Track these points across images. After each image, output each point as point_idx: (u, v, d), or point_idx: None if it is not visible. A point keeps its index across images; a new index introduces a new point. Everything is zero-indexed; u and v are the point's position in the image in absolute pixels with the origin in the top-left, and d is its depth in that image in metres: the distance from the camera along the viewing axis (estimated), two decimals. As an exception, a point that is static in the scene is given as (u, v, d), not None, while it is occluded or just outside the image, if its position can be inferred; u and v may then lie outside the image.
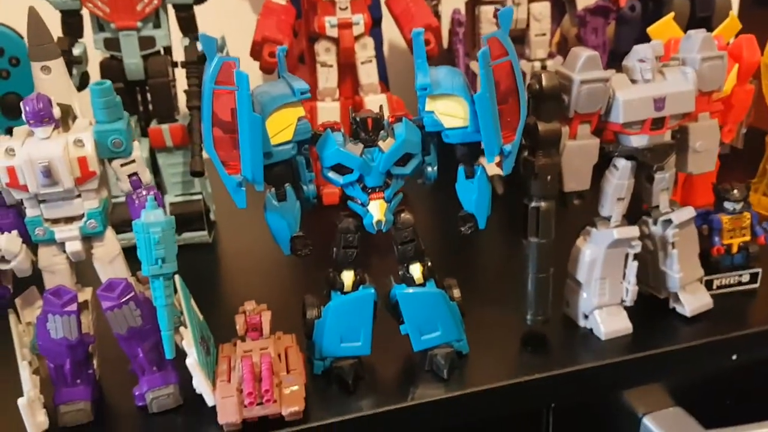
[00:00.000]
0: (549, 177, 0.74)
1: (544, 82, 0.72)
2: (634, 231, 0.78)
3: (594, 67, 0.73)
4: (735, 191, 0.85)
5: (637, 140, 0.75)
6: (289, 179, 0.69)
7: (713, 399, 0.85)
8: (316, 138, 0.69)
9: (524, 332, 0.81)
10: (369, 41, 1.12)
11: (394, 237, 0.73)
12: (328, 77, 1.12)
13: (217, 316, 0.80)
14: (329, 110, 1.12)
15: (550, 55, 1.21)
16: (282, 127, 0.67)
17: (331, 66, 1.11)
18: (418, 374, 0.76)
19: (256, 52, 1.08)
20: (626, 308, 0.81)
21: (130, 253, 0.69)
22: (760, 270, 0.88)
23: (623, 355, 0.78)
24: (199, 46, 1.01)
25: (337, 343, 0.73)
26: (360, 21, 1.09)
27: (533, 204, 0.75)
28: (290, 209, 0.70)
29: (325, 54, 1.11)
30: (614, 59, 1.21)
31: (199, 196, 1.06)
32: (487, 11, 1.16)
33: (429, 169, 0.72)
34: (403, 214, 0.72)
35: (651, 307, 0.84)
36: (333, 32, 1.09)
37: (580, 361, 0.78)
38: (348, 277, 0.73)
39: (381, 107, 0.72)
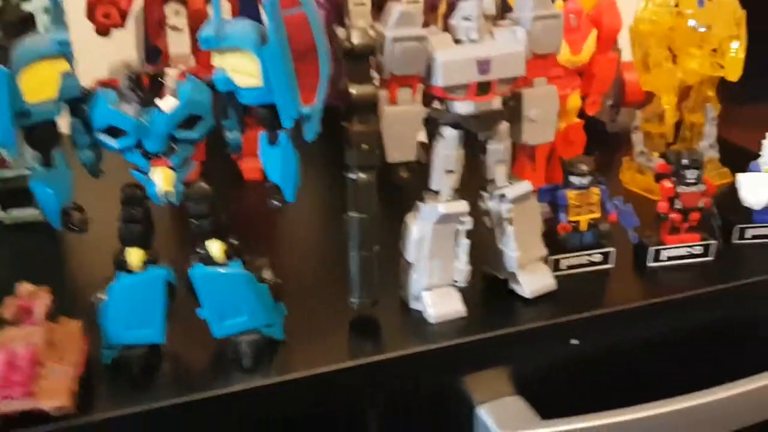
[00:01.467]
0: (366, 145, 0.67)
1: (354, 40, 0.65)
2: (461, 206, 0.72)
3: (410, 23, 0.66)
4: (581, 165, 0.80)
5: (462, 107, 0.68)
6: (58, 142, 0.61)
7: (560, 388, 0.80)
8: (88, 96, 0.61)
9: (353, 317, 0.75)
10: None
11: (188, 210, 0.65)
12: (179, 42, 1.03)
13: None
14: (182, 78, 1.03)
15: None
16: (41, 82, 0.58)
17: (181, 30, 1.02)
18: (224, 364, 0.69)
19: (90, 13, 0.99)
20: (463, 290, 0.75)
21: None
22: (612, 249, 0.83)
23: (455, 338, 0.72)
24: (26, 6, 0.92)
25: (124, 329, 0.65)
26: (211, -20, 1.01)
27: (350, 175, 0.69)
28: (59, 177, 0.62)
29: (175, 17, 1.02)
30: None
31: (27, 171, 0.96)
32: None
33: (229, 134, 0.65)
34: (196, 184, 0.65)
35: (491, 288, 0.78)
36: (181, -7, 1.00)
37: (408, 345, 0.72)
38: (135, 255, 0.65)
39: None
